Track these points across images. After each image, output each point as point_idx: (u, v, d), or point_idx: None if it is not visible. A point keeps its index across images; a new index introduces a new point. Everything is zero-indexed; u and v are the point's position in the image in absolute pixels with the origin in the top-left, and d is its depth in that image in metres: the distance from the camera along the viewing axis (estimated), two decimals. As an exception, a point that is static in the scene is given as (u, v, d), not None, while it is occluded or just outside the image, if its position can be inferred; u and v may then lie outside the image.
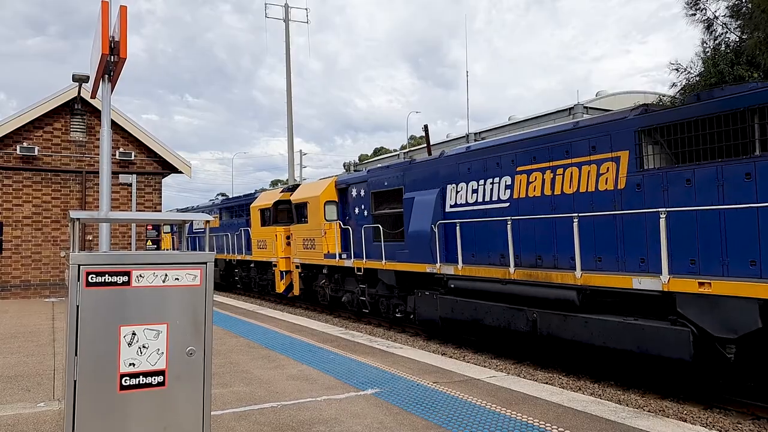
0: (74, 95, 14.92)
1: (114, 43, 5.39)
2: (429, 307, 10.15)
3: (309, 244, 14.51)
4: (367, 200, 12.58)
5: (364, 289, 12.51)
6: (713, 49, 16.16)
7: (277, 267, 16.32)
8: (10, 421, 4.70)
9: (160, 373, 3.11)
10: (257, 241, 17.58)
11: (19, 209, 14.73)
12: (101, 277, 3.00)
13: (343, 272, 13.47)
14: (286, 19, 27.42)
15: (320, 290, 14.63)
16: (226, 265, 20.95)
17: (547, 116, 22.38)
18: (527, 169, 8.65)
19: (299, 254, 15.09)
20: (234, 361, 7.09)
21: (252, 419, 4.71)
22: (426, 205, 10.37)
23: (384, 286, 11.79)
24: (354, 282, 12.96)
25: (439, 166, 10.48)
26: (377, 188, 12.20)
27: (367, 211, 12.54)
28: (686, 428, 4.41)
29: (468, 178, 9.77)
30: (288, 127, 26.71)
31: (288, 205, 16.37)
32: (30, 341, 8.51)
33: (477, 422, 4.57)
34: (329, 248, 13.67)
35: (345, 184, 13.70)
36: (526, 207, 8.60)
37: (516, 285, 8.34)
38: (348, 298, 13.35)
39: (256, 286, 18.72)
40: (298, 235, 15.06)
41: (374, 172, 12.57)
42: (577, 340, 7.32)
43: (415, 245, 10.50)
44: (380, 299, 12.09)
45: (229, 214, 21.37)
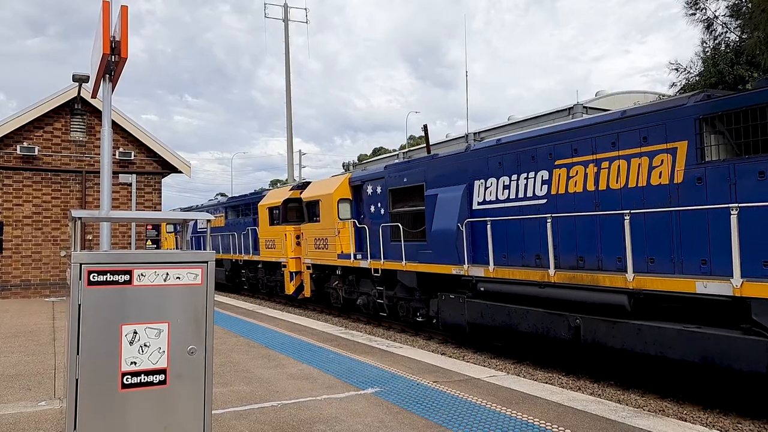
0: (74, 95, 14.91)
1: (115, 42, 5.40)
2: (454, 312, 9.49)
3: (321, 244, 13.87)
4: (384, 198, 11.93)
5: (382, 291, 11.84)
6: (713, 48, 16.17)
7: (286, 268, 15.76)
8: (11, 420, 4.71)
9: (162, 371, 3.12)
10: (265, 240, 17.00)
11: (20, 209, 14.74)
12: (103, 275, 3.01)
13: (358, 273, 12.82)
14: (286, 19, 27.43)
15: (333, 292, 14.08)
16: (233, 265, 20.24)
17: (546, 116, 22.39)
18: (567, 163, 7.95)
19: (311, 254, 14.48)
20: (234, 360, 7.10)
21: (252, 418, 4.72)
22: (451, 202, 9.69)
23: (403, 289, 11.13)
24: (370, 284, 12.33)
25: (465, 160, 9.77)
26: (395, 185, 11.54)
27: (384, 210, 11.91)
28: (686, 428, 4.42)
29: (498, 173, 9.06)
30: (287, 127, 26.73)
31: (298, 204, 15.82)
32: (30, 340, 8.51)
33: (477, 421, 4.58)
34: (343, 248, 13.07)
35: (360, 181, 13.02)
36: (565, 204, 7.95)
37: (556, 288, 7.66)
38: (363, 300, 12.74)
39: (263, 288, 18.16)
40: (310, 234, 14.45)
41: (392, 169, 11.86)
42: (628, 348, 6.68)
43: (438, 245, 9.83)
44: (399, 302, 11.46)
45: (235, 213, 20.71)
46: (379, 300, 11.97)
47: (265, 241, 17.02)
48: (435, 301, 10.20)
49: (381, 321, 12.70)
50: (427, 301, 10.57)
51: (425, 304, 10.65)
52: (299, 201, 15.61)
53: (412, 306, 11.09)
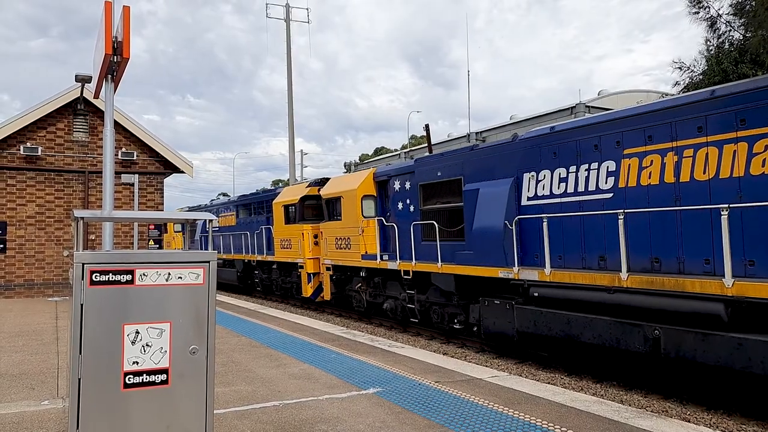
0: (77, 95, 14.95)
1: (117, 43, 5.41)
2: (500, 319, 8.56)
3: (343, 244, 12.96)
4: (413, 194, 11.05)
5: (412, 295, 10.88)
6: (717, 47, 16.12)
7: (304, 269, 14.87)
8: (15, 419, 4.72)
9: (164, 371, 3.13)
10: (280, 240, 16.15)
11: (23, 209, 14.78)
12: (105, 275, 3.02)
13: (384, 276, 11.91)
14: (287, 19, 27.44)
15: (355, 295, 13.13)
16: (245, 266, 19.18)
17: (548, 115, 22.37)
18: (639, 152, 7.04)
19: (331, 255, 13.53)
20: (236, 360, 7.10)
21: (254, 418, 4.72)
22: (495, 197, 8.79)
23: (437, 293, 10.27)
24: (398, 287, 11.42)
25: (512, 151, 8.84)
26: (427, 179, 10.63)
27: (413, 207, 11.04)
28: (690, 428, 4.40)
29: (553, 165, 8.12)
30: (289, 127, 26.74)
31: (316, 201, 15.02)
32: (34, 340, 8.53)
33: (479, 422, 4.58)
34: (367, 248, 12.14)
35: (386, 176, 12.09)
36: (636, 198, 7.04)
37: (629, 294, 6.73)
38: (391, 305, 11.81)
39: (278, 289, 17.28)
40: (330, 233, 13.52)
41: (424, 162, 10.93)
42: (724, 365, 5.77)
43: (481, 245, 8.88)
44: (432, 307, 10.56)
45: (247, 211, 19.71)
46: (409, 305, 11.03)
47: (280, 241, 16.24)
48: (476, 307, 9.30)
49: (408, 327, 11.74)
50: (466, 307, 9.67)
51: (463, 310, 9.75)
52: (317, 198, 14.88)
53: (447, 312, 10.19)
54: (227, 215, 21.08)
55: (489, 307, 8.86)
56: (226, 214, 21.13)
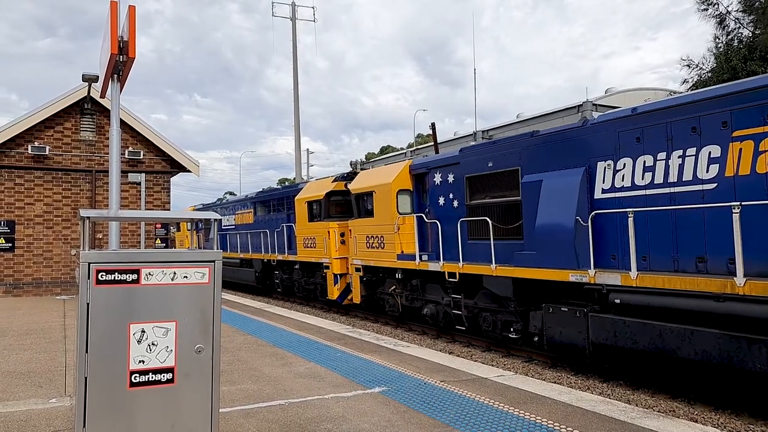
0: (84, 95, 15.05)
1: (123, 42, 5.43)
2: (570, 329, 7.54)
3: (375, 243, 11.90)
4: (458, 187, 10.05)
5: (459, 300, 9.85)
6: (726, 44, 16.00)
7: (329, 269, 13.90)
8: (23, 416, 4.76)
9: (169, 370, 3.14)
10: (303, 238, 15.19)
11: (31, 208, 14.89)
12: (111, 275, 3.03)
13: (424, 278, 10.89)
14: (293, 18, 27.48)
15: (389, 298, 12.07)
16: (264, 266, 18.11)
17: (555, 113, 22.27)
18: (754, 134, 6.02)
19: (361, 255, 12.46)
20: (242, 358, 7.12)
21: (260, 417, 4.73)
22: (563, 190, 7.86)
23: (488, 298, 9.27)
24: (439, 291, 10.46)
25: (582, 137, 7.86)
26: (475, 171, 9.61)
27: (457, 201, 10.04)
28: (697, 428, 4.37)
29: (636, 152, 7.12)
30: (295, 126, 26.78)
31: (344, 197, 14.14)
32: (42, 338, 8.60)
33: (485, 421, 4.57)
34: (404, 248, 11.16)
35: (424, 169, 11.09)
36: (749, 188, 6.01)
37: (745, 303, 5.74)
38: (431, 310, 10.76)
39: (300, 291, 16.23)
40: (360, 231, 12.46)
41: (471, 152, 9.88)
42: None
43: (546, 245, 7.91)
44: (482, 314, 9.49)
45: (265, 208, 18.67)
46: (455, 311, 9.99)
47: (303, 240, 15.24)
48: (537, 315, 8.24)
49: (452, 334, 10.69)
50: (524, 314, 8.61)
51: (521, 318, 8.68)
52: (344, 194, 13.99)
53: (500, 319, 9.15)
54: (244, 212, 20.05)
55: (554, 314, 7.82)
56: (242, 212, 20.16)
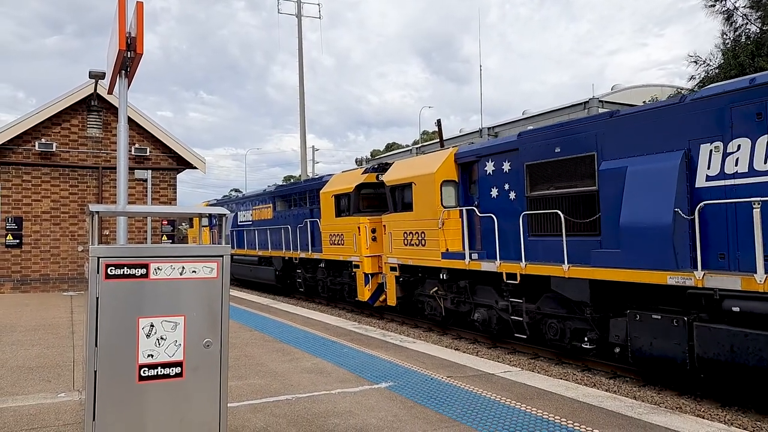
0: (91, 92, 15.11)
1: (131, 39, 5.44)
2: (664, 340, 6.57)
3: (415, 240, 10.85)
4: (515, 176, 9.01)
5: (519, 304, 8.79)
6: (733, 40, 15.90)
7: (359, 268, 12.80)
8: (33, 411, 4.80)
9: (178, 364, 3.15)
10: (330, 235, 14.10)
11: (38, 204, 14.98)
12: (120, 269, 3.05)
13: (473, 279, 9.83)
14: (299, 15, 27.46)
15: (429, 301, 11.03)
16: (284, 264, 17.06)
17: (561, 110, 22.21)
18: None
19: (397, 252, 11.37)
20: (249, 354, 7.15)
21: (267, 411, 4.75)
22: (656, 178, 6.82)
23: (554, 302, 8.28)
24: (492, 293, 9.41)
25: (679, 116, 6.81)
26: (538, 158, 8.53)
27: (515, 193, 9.03)
28: (704, 425, 4.36)
29: (756, 131, 6.08)
30: (301, 123, 26.79)
31: (374, 190, 13.22)
32: (50, 334, 8.66)
33: (491, 416, 4.57)
34: (449, 245, 10.10)
35: (473, 156, 9.98)
36: None
37: None
38: (483, 315, 9.67)
39: (325, 291, 15.16)
40: (397, 227, 11.40)
41: (533, 136, 8.77)
42: None
43: (634, 242, 6.90)
44: (547, 321, 8.47)
45: (286, 203, 17.67)
46: (514, 316, 8.92)
47: (329, 236, 14.17)
48: (619, 323, 7.22)
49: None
50: (602, 322, 7.63)
51: (597, 326, 7.67)
52: (376, 186, 13.09)
53: (570, 327, 8.12)
54: (262, 207, 19.05)
55: (644, 323, 6.80)
56: (260, 207, 19.22)
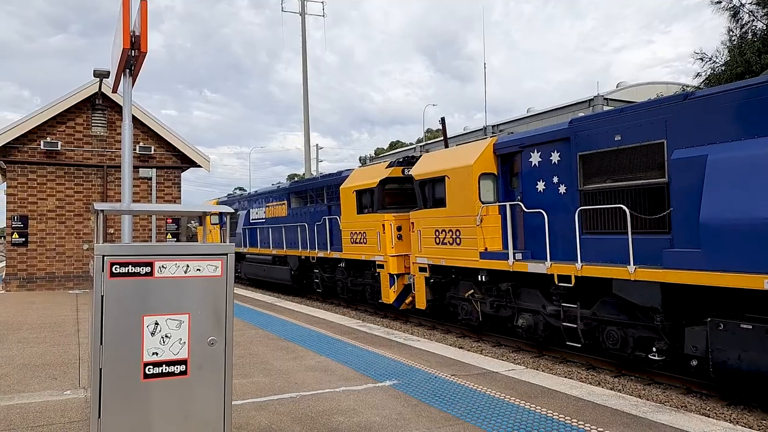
0: (95, 91, 15.16)
1: (135, 37, 5.45)
2: (757, 354, 5.77)
3: (448, 238, 10.10)
4: (566, 168, 8.17)
5: (573, 310, 7.92)
6: (740, 37, 15.81)
7: (384, 269, 12.02)
8: (39, 408, 4.82)
9: (183, 362, 3.16)
10: (351, 233, 13.31)
11: (44, 203, 15.05)
12: (125, 267, 3.05)
13: (517, 281, 9.00)
14: (303, 13, 27.45)
15: (463, 305, 10.19)
16: (300, 263, 16.35)
17: (566, 108, 22.14)
18: None
19: (428, 252, 10.61)
20: (253, 352, 7.17)
21: (272, 409, 4.76)
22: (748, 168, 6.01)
23: (613, 308, 7.47)
24: (539, 297, 8.59)
25: None
26: (594, 147, 7.72)
27: (565, 186, 8.19)
28: (709, 423, 4.34)
29: None
30: (305, 122, 26.81)
31: (400, 185, 12.52)
32: (55, 331, 8.70)
33: (496, 415, 4.56)
34: (488, 244, 9.30)
35: (516, 147, 9.09)
36: None
37: None
38: (528, 321, 8.78)
39: (345, 292, 14.39)
40: (427, 224, 10.64)
41: (587, 123, 7.92)
42: None
43: (720, 240, 6.12)
44: (605, 328, 7.61)
45: (301, 199, 16.91)
46: (566, 323, 8.03)
47: (350, 234, 13.38)
48: (698, 333, 6.50)
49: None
50: (674, 330, 6.85)
51: (667, 335, 6.89)
52: (401, 181, 12.41)
53: (633, 335, 7.29)
54: (276, 205, 18.29)
55: (730, 333, 6.04)
56: (274, 204, 18.45)
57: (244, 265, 20.06)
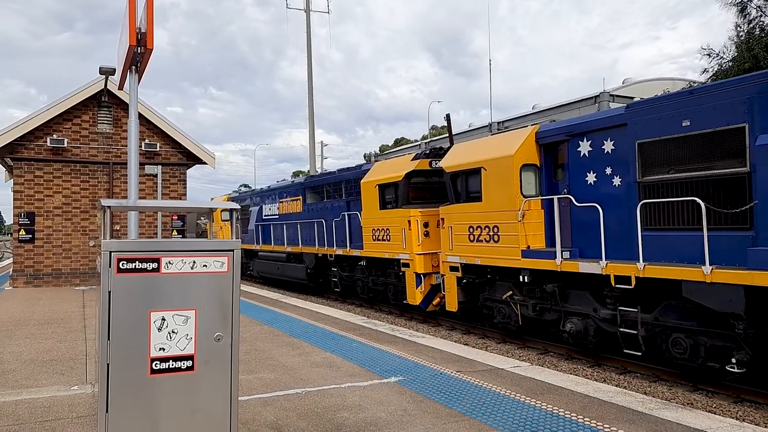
0: (101, 88, 15.21)
1: (141, 34, 5.46)
2: None
3: (485, 235, 9.32)
4: (622, 158, 7.43)
5: (632, 314, 7.17)
6: (747, 33, 15.70)
7: (410, 267, 11.41)
8: (46, 403, 4.86)
9: (189, 357, 3.17)
10: (372, 230, 12.72)
11: (50, 200, 15.12)
12: (132, 263, 3.06)
13: (563, 282, 8.25)
14: (308, 9, 27.42)
15: (501, 307, 9.39)
16: (317, 261, 15.76)
17: (572, 104, 22.05)
18: None
19: (461, 250, 9.84)
20: (259, 348, 7.19)
21: (278, 405, 4.77)
22: None
23: (681, 313, 6.76)
24: (589, 300, 7.85)
25: None
26: (657, 134, 6.95)
27: (620, 178, 7.48)
28: (716, 420, 4.33)
29: None
30: (309, 119, 26.81)
31: (426, 178, 11.89)
32: (62, 327, 8.75)
33: (501, 411, 4.56)
34: (530, 241, 8.58)
35: (562, 135, 8.35)
36: None
37: None
38: (576, 326, 8.01)
39: (365, 292, 13.74)
40: (460, 220, 9.87)
41: (649, 107, 7.15)
42: None
43: None
44: (670, 335, 6.85)
45: (317, 195, 16.30)
46: (623, 328, 7.27)
47: (371, 231, 12.77)
48: None
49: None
50: (759, 340, 6.14)
51: (749, 344, 6.15)
52: (429, 174, 11.81)
53: (704, 343, 6.54)
54: (290, 200, 17.69)
55: None
56: (288, 199, 17.87)
57: (257, 262, 19.58)
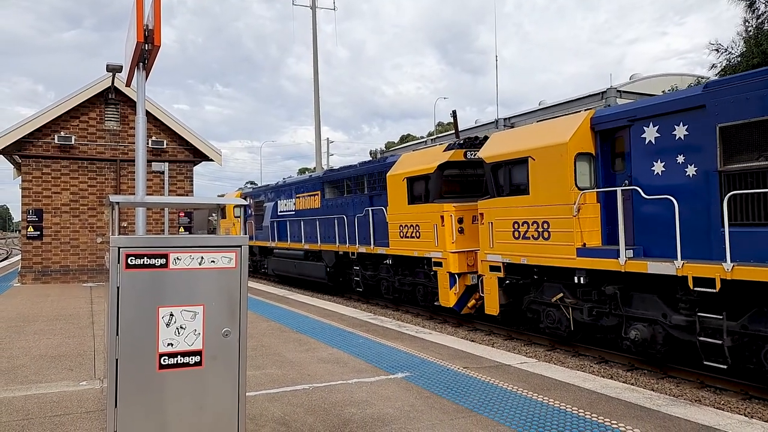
0: (108, 85, 15.27)
1: (148, 31, 5.46)
2: None
3: (532, 232, 8.43)
4: (699, 144, 6.62)
5: (715, 321, 6.26)
6: (756, 28, 15.56)
7: (442, 267, 10.50)
8: (56, 398, 4.89)
9: (197, 353, 3.19)
10: (400, 226, 11.80)
11: (58, 197, 15.22)
12: (140, 259, 3.08)
13: (626, 284, 7.40)
14: (313, 6, 27.39)
15: (549, 311, 8.55)
16: (337, 259, 14.79)
17: (578, 101, 21.96)
18: None
19: (503, 248, 8.97)
20: (266, 344, 7.21)
21: (285, 400, 4.79)
22: None
23: None
24: (658, 304, 7.03)
25: None
26: (742, 116, 6.15)
27: (696, 167, 6.65)
28: (724, 416, 4.31)
29: None
30: (315, 116, 26.82)
31: (460, 170, 11.01)
32: (71, 323, 8.81)
33: (508, 407, 4.56)
34: (585, 238, 7.72)
35: (623, 120, 7.53)
36: None
37: None
38: (643, 333, 7.14)
39: (390, 292, 12.89)
40: (502, 215, 9.00)
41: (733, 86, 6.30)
42: None
43: None
44: (763, 347, 6.06)
45: (337, 189, 15.40)
46: (703, 337, 6.38)
47: (399, 227, 11.85)
48: None
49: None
50: None
51: None
52: (463, 166, 10.94)
53: None
54: (307, 196, 16.79)
55: None
56: (305, 194, 16.96)
57: (272, 260, 18.65)
